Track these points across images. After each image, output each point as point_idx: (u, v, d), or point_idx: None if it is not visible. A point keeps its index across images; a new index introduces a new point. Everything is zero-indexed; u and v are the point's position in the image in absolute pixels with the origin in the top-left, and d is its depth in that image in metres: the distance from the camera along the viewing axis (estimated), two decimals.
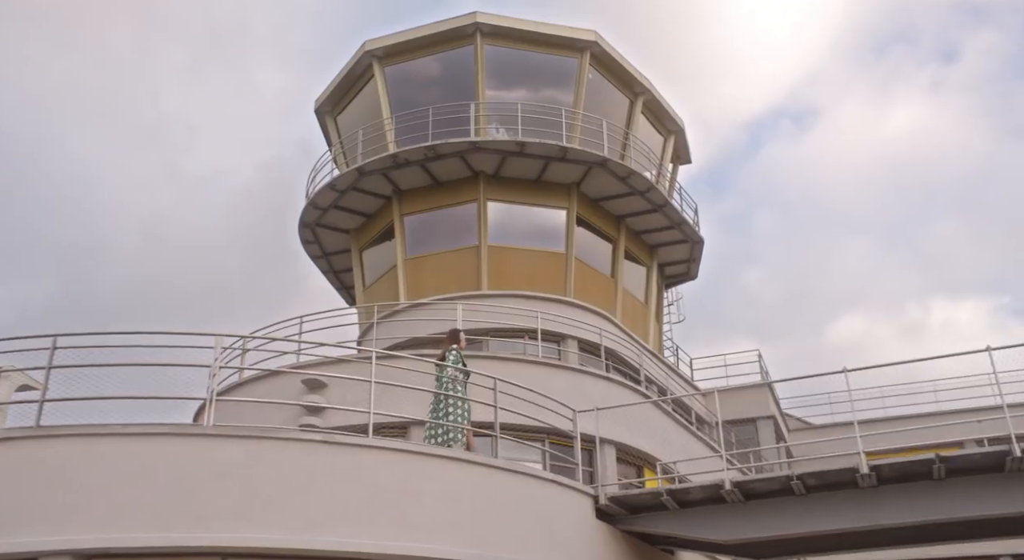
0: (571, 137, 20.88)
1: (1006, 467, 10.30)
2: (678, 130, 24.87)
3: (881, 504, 10.79)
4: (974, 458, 10.21)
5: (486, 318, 18.06)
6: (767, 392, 24.36)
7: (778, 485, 10.85)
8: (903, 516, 10.67)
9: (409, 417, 11.91)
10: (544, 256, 20.84)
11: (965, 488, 10.56)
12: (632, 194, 21.59)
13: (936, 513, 10.59)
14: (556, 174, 20.72)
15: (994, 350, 10.48)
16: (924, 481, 10.70)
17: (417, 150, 19.71)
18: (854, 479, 10.62)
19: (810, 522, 10.97)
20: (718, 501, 11.20)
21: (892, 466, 10.44)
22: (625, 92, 22.97)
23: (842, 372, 10.99)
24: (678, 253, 24.37)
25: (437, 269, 20.48)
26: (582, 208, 21.30)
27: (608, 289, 21.92)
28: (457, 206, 20.79)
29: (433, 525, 8.92)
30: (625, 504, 11.45)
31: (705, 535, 11.20)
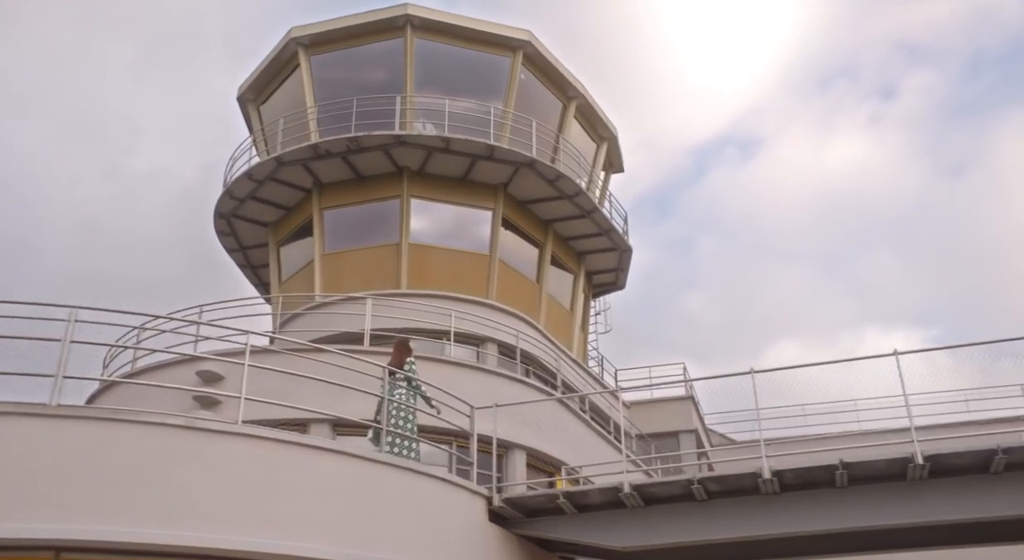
0: (500, 136, 20.43)
1: (908, 475, 10.02)
2: (611, 137, 24.59)
3: (784, 512, 10.44)
4: (877, 465, 9.91)
5: (404, 316, 17.42)
6: (690, 406, 24.13)
7: (679, 490, 10.42)
8: (805, 524, 10.33)
9: (311, 410, 11.21)
10: (467, 257, 20.32)
11: (868, 497, 10.26)
12: (561, 198, 21.20)
13: (839, 522, 10.26)
14: (483, 174, 20.24)
15: (901, 354, 10.23)
16: (827, 489, 10.37)
17: (339, 141, 19.06)
18: (756, 485, 10.24)
19: (712, 529, 10.56)
20: (618, 506, 10.73)
21: (795, 472, 10.08)
22: (558, 95, 22.62)
23: (749, 373, 10.64)
24: (606, 261, 24.03)
25: (356, 266, 19.81)
26: (509, 210, 20.84)
27: (532, 294, 21.46)
28: (379, 202, 20.18)
29: (303, 521, 8.28)
30: (520, 507, 10.91)
31: (603, 541, 10.71)
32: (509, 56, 21.25)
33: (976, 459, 9.80)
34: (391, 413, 10.92)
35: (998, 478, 9.99)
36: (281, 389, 11.98)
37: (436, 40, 20.72)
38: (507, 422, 15.67)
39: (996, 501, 9.91)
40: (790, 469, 10.05)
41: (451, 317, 16.89)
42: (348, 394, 11.24)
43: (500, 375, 16.27)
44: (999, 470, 9.88)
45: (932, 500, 10.09)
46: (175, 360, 14.68)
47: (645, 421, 23.70)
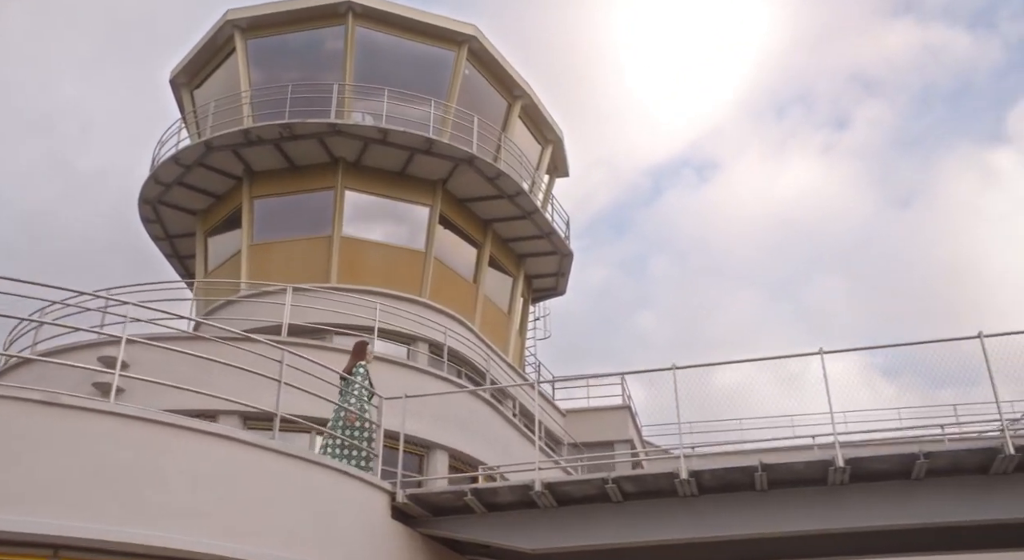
0: (440, 131, 19.92)
1: (829, 479, 9.63)
2: (556, 140, 24.19)
3: (702, 515, 9.99)
4: (797, 468, 9.51)
5: (332, 309, 16.75)
6: (627, 415, 23.68)
7: (594, 490, 9.92)
8: (724, 528, 9.89)
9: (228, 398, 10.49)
10: (402, 253, 19.73)
11: (789, 501, 9.85)
12: (501, 197, 20.72)
13: (758, 526, 9.84)
14: (421, 168, 19.68)
15: (826, 353, 9.87)
16: (747, 492, 9.95)
17: (271, 127, 18.38)
18: (673, 486, 9.78)
19: (627, 532, 10.07)
20: (530, 505, 10.19)
21: (713, 473, 9.64)
22: (503, 94, 22.19)
23: (671, 369, 10.20)
24: (547, 265, 23.58)
25: (285, 257, 19.11)
26: (447, 207, 20.30)
27: (468, 295, 20.91)
28: (312, 193, 19.51)
29: (173, 508, 7.60)
30: (426, 504, 10.31)
31: (512, 542, 10.16)
32: (454, 50, 20.76)
33: (898, 464, 9.45)
34: (337, 423, 10.58)
35: (920, 484, 9.65)
36: (195, 379, 11.30)
37: (378, 30, 20.19)
38: (429, 421, 15.10)
39: (918, 508, 9.57)
40: (708, 470, 9.61)
41: (381, 313, 16.25)
42: (262, 387, 10.58)
43: (427, 373, 15.72)
44: (921, 476, 9.54)
45: (854, 506, 9.72)
46: (79, 343, 13.88)
47: (581, 430, 23.18)
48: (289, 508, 8.56)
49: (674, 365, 10.29)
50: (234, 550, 7.74)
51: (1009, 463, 9.24)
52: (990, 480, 9.53)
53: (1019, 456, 9.09)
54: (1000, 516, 9.41)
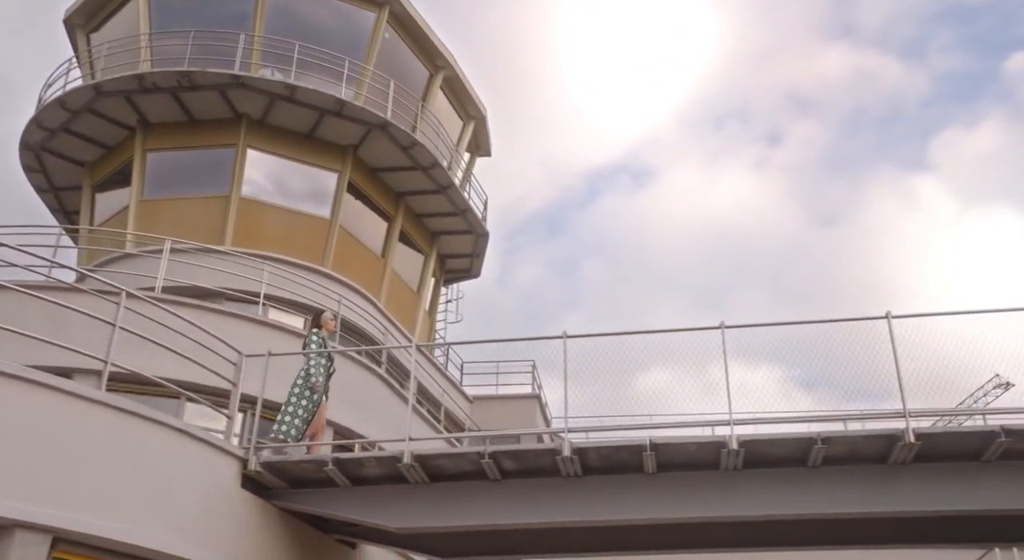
0: (356, 94, 18.89)
1: (722, 463, 8.96)
2: (480, 117, 23.33)
3: (587, 497, 9.23)
4: (688, 449, 8.81)
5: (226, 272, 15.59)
6: (536, 405, 22.95)
7: (469, 465, 9.07)
8: (608, 512, 9.14)
9: None
10: (305, 220, 18.65)
11: (680, 485, 9.15)
12: (415, 169, 19.78)
13: (645, 511, 9.12)
14: (331, 131, 18.64)
15: (728, 328, 9.20)
16: (636, 474, 9.22)
17: (169, 75, 17.12)
18: (555, 465, 8.99)
19: (504, 513, 9.25)
20: (399, 480, 9.29)
21: (599, 452, 8.88)
22: (425, 63, 21.23)
23: (561, 337, 9.43)
24: (461, 245, 22.70)
25: (177, 216, 17.84)
26: (357, 175, 19.28)
27: (375, 269, 19.92)
28: (211, 149, 18.31)
29: None
30: (284, 474, 9.33)
31: (377, 520, 9.25)
32: (374, 11, 19.77)
33: (794, 449, 8.82)
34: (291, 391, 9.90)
35: (817, 473, 9.04)
36: (55, 334, 10.05)
37: None
38: None
39: (814, 498, 8.96)
40: (594, 447, 8.85)
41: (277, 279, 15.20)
42: (133, 346, 9.41)
43: None
44: (817, 463, 8.93)
45: (747, 493, 9.06)
46: None
47: (489, 418, 22.37)
48: (113, 469, 7.49)
49: (564, 333, 9.53)
50: (34, 514, 6.66)
51: (908, 452, 8.68)
52: (889, 470, 8.98)
53: (919, 444, 8.54)
54: (897, 508, 8.86)
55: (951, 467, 8.93)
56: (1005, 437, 8.41)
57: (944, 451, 8.80)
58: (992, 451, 8.63)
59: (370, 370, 15.10)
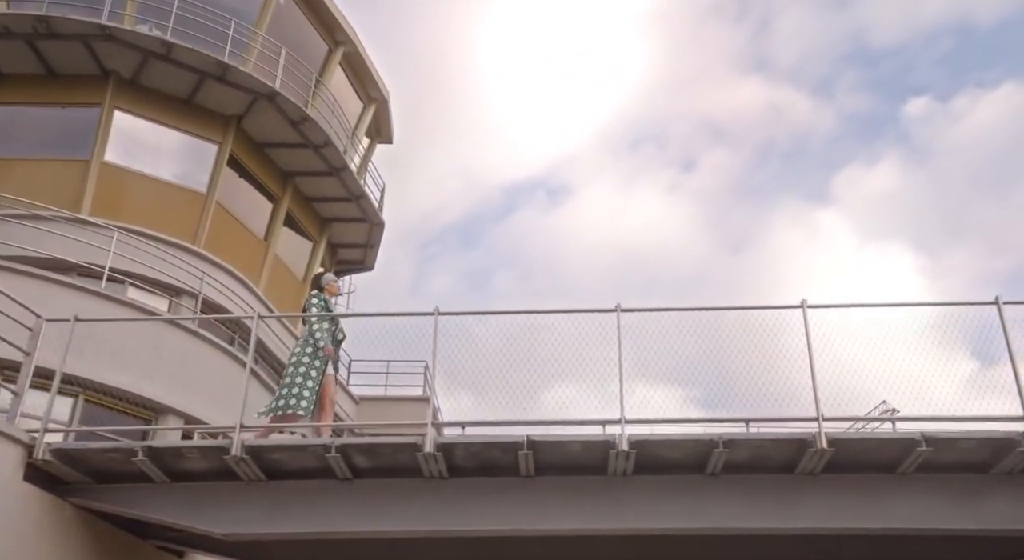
0: (243, 60, 17.23)
1: (610, 467, 7.75)
2: (382, 100, 21.87)
3: (451, 503, 7.89)
4: (571, 448, 7.58)
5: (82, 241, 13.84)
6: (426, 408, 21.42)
7: (314, 460, 7.62)
8: (475, 520, 7.83)
9: None
10: (177, 192, 16.88)
11: (560, 491, 7.90)
12: (306, 146, 18.22)
13: (518, 521, 7.83)
14: (213, 98, 16.96)
15: (624, 311, 8.04)
16: (511, 477, 7.93)
17: (24, 19, 15.22)
18: (416, 463, 7.63)
19: (353, 519, 7.85)
20: (230, 477, 7.77)
21: (467, 448, 7.57)
22: (323, 36, 19.69)
23: (433, 314, 8.09)
24: (355, 234, 21.15)
25: (28, 179, 15.82)
26: (240, 148, 17.61)
27: (256, 253, 18.25)
28: (72, 107, 16.41)
29: None
30: (84, 465, 7.68)
31: (198, 523, 7.70)
32: None
33: (692, 453, 7.68)
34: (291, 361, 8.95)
35: (716, 482, 7.92)
36: None
37: None
38: (164, 381, 12.46)
39: (711, 510, 7.83)
40: (462, 444, 7.52)
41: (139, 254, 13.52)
42: None
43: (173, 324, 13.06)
44: (717, 470, 7.81)
45: (636, 502, 7.89)
46: None
47: (376, 420, 20.81)
48: None
49: (437, 309, 8.22)
50: None
51: (819, 460, 7.63)
52: (796, 482, 7.92)
53: (831, 452, 7.49)
54: (804, 524, 7.80)
55: (864, 480, 7.94)
56: (926, 446, 7.43)
57: (858, 461, 7.80)
58: (910, 462, 7.65)
59: (235, 359, 13.54)
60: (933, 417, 7.64)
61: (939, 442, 7.45)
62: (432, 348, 8.05)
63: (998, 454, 7.62)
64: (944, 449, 7.52)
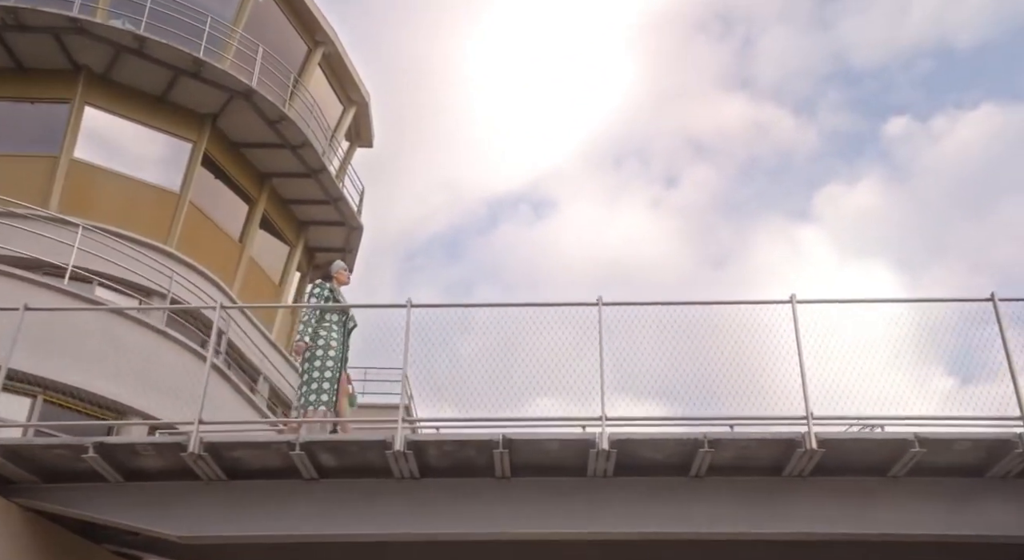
0: (221, 58, 16.85)
1: (590, 468, 7.38)
2: (362, 103, 21.50)
3: (422, 504, 7.50)
4: (549, 447, 7.22)
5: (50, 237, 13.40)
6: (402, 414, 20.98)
7: (277, 459, 7.21)
8: (448, 523, 7.44)
9: None
10: (149, 191, 16.44)
11: (537, 493, 7.53)
12: (283, 147, 17.83)
13: (493, 524, 7.46)
14: (187, 95, 16.56)
15: (606, 305, 7.68)
16: (486, 478, 7.55)
17: None
18: (386, 462, 7.23)
19: (319, 521, 7.43)
20: (189, 476, 7.35)
21: (440, 447, 7.20)
22: (303, 36, 19.34)
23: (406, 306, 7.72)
24: (333, 237, 20.73)
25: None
26: (216, 148, 17.22)
27: (230, 254, 17.80)
28: (42, 102, 15.97)
29: None
30: (30, 463, 7.23)
31: (155, 525, 7.25)
32: None
33: (676, 453, 7.33)
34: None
35: (701, 484, 7.56)
36: None
37: None
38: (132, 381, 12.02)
39: (694, 513, 7.47)
40: (434, 442, 7.14)
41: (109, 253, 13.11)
42: None
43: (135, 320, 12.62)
44: (702, 472, 7.45)
45: (618, 505, 7.52)
46: None
47: None
48: None
49: (409, 301, 7.85)
50: None
51: (808, 461, 7.29)
52: (784, 484, 7.58)
53: (821, 453, 7.16)
54: (792, 529, 7.45)
55: (854, 483, 7.60)
56: (919, 447, 7.11)
57: (848, 463, 7.47)
58: (902, 464, 7.33)
59: (204, 358, 13.07)
60: (926, 417, 7.32)
61: (933, 443, 7.13)
62: (404, 342, 7.65)
63: (994, 456, 7.31)
64: (938, 451, 7.21)
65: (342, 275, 9.45)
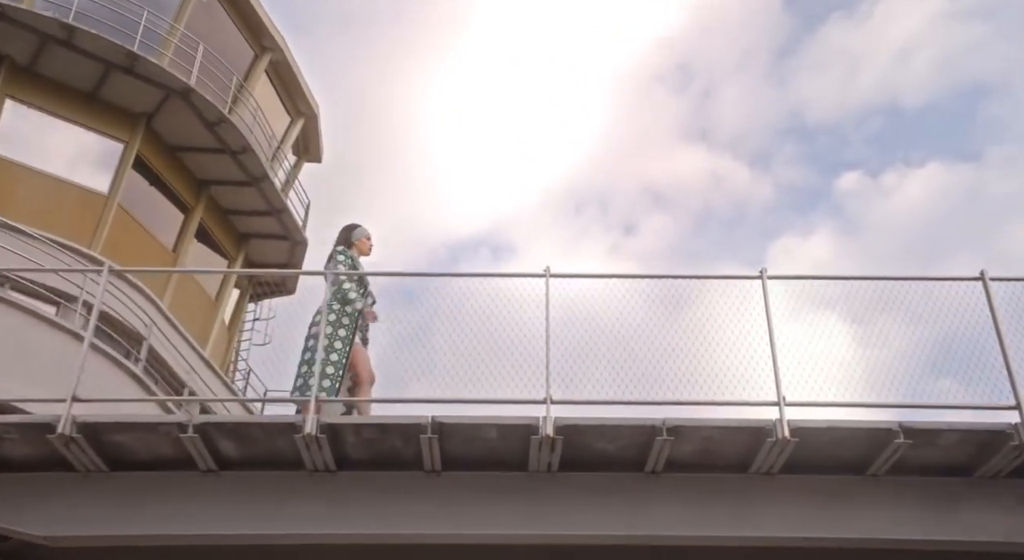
0: (160, 55, 15.95)
1: (532, 461, 6.45)
2: (311, 115, 20.65)
3: (340, 503, 6.49)
4: (486, 434, 6.27)
5: None
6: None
7: (167, 445, 6.17)
8: (367, 524, 6.43)
9: None
10: (75, 192, 15.41)
11: (473, 490, 6.57)
12: (223, 152, 16.88)
13: (418, 524, 6.45)
14: (120, 92, 15.63)
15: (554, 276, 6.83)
16: (414, 471, 6.58)
17: None
18: (297, 452, 6.23)
19: (220, 521, 6.38)
20: (63, 467, 6.27)
21: (358, 432, 6.22)
22: (249, 40, 18.52)
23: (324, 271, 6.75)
24: (275, 252, 19.69)
25: None
26: (149, 150, 16.25)
27: (162, 264, 16.68)
28: None
29: None
30: None
31: (17, 524, 6.14)
32: None
33: (630, 444, 6.42)
34: None
35: (657, 481, 6.66)
36: None
37: None
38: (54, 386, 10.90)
39: (650, 514, 6.56)
40: (352, 425, 6.17)
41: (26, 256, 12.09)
42: None
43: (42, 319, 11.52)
44: (659, 467, 6.56)
45: (563, 505, 6.57)
46: None
47: None
48: None
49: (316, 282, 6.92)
50: None
51: (778, 455, 6.43)
52: (751, 482, 6.71)
53: (794, 443, 6.31)
54: (758, 533, 6.56)
55: (828, 482, 6.76)
56: (904, 438, 6.29)
57: (823, 459, 6.62)
58: (884, 459, 6.50)
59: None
60: (911, 405, 6.53)
61: (919, 434, 6.32)
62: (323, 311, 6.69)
63: (985, 451, 6.51)
64: (924, 443, 6.39)
65: (364, 244, 8.10)
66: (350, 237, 8.04)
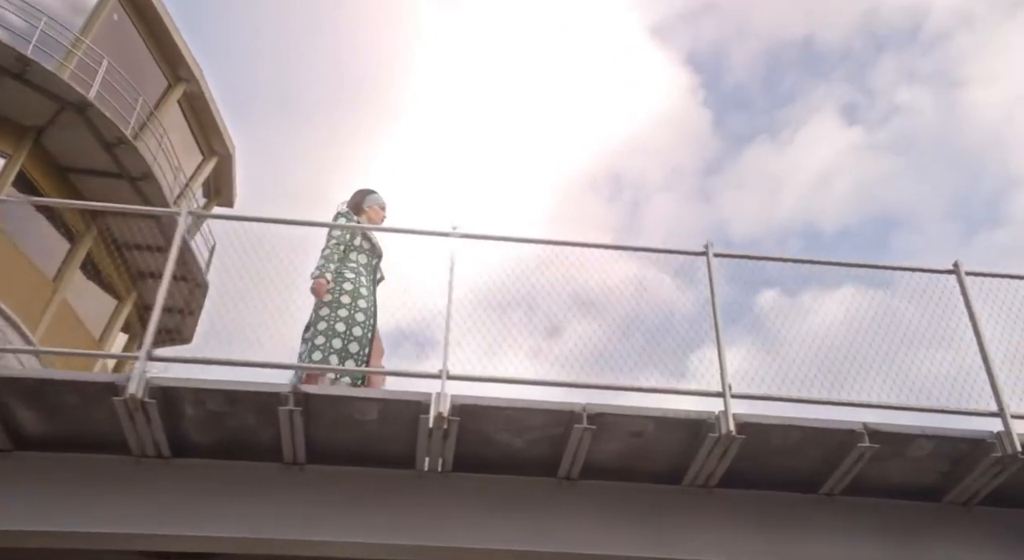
0: (61, 66, 14.73)
1: (419, 456, 5.16)
2: (225, 155, 19.47)
3: (178, 500, 5.07)
4: (363, 411, 4.97)
5: None
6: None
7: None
8: (208, 525, 5.01)
9: None
10: None
11: (345, 489, 5.23)
12: (120, 177, 15.54)
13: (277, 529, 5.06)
14: (9, 102, 14.25)
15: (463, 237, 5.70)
16: (272, 462, 5.21)
17: None
18: (120, 429, 4.85)
19: (23, 517, 4.88)
20: None
21: (199, 399, 4.87)
22: (163, 67, 17.43)
23: None
24: (172, 295, 18.02)
25: None
26: (36, 167, 14.81)
27: (40, 294, 15.05)
28: None
29: None
30: None
31: None
32: None
33: (543, 436, 5.20)
34: None
35: (571, 489, 5.42)
36: None
37: None
38: None
39: (560, 527, 5.28)
40: (191, 389, 4.82)
41: None
42: None
43: None
44: (575, 473, 5.34)
45: (457, 510, 5.26)
46: None
47: None
48: None
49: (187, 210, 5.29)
50: None
51: (719, 461, 5.28)
52: (683, 497, 5.52)
53: (740, 442, 5.17)
54: (685, 556, 5.33)
55: (771, 501, 5.61)
56: (869, 441, 5.22)
57: (770, 469, 5.49)
58: (841, 474, 5.40)
59: None
60: (879, 405, 5.49)
61: (887, 437, 5.25)
62: None
63: (960, 467, 5.47)
64: (892, 451, 5.32)
65: (376, 212, 6.86)
66: (362, 203, 6.82)
